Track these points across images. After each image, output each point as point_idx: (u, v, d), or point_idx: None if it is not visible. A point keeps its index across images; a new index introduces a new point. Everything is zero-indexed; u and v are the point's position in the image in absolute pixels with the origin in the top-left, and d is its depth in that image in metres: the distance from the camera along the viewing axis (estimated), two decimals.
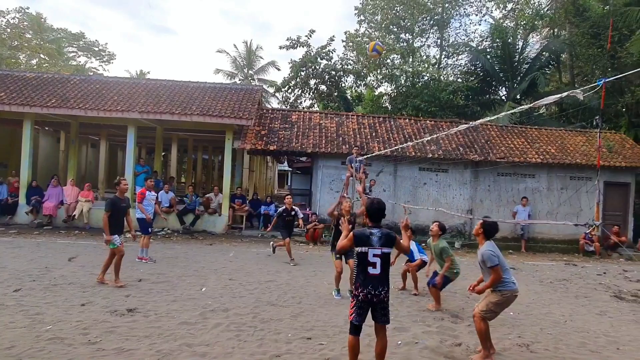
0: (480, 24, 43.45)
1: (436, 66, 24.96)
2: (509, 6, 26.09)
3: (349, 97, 26.09)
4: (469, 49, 24.31)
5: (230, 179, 14.98)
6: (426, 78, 22.95)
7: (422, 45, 26.42)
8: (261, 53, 44.16)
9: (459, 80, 24.28)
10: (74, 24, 77.75)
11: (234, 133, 14.81)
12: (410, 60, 24.31)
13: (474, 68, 24.15)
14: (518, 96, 22.14)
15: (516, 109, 5.79)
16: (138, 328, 5.29)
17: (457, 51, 25.64)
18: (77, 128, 16.17)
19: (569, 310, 7.23)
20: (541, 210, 15.31)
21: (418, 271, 7.74)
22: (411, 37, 25.67)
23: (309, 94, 23.69)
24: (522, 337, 5.71)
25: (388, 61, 23.57)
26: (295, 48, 22.85)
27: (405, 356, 4.87)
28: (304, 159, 19.59)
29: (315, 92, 23.62)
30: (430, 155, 14.74)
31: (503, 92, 24.13)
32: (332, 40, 22.93)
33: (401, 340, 5.30)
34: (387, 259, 4.26)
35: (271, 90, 31.31)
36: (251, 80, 35.66)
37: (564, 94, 4.42)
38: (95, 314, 5.74)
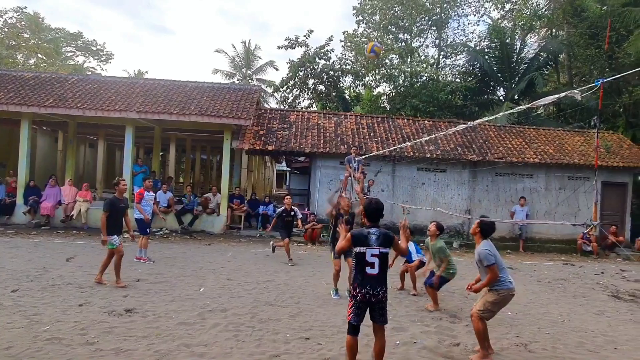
0: (479, 25, 43.78)
1: (434, 66, 24.99)
2: (507, 6, 26.16)
3: (347, 97, 26.11)
4: (467, 49, 24.35)
5: (228, 179, 14.97)
6: (424, 78, 22.97)
7: (420, 46, 26.48)
8: (259, 53, 44.22)
9: (457, 80, 24.31)
10: (71, 24, 77.71)
11: (232, 133, 14.80)
12: (409, 60, 24.33)
13: (472, 68, 24.18)
14: (516, 96, 22.18)
15: (514, 109, 5.80)
16: (136, 328, 5.28)
17: (456, 51, 25.68)
18: (75, 128, 16.14)
19: (567, 310, 7.24)
20: (539, 210, 15.34)
21: (416, 271, 7.75)
22: (409, 37, 25.70)
23: (307, 94, 23.70)
24: (520, 336, 5.72)
25: (386, 61, 23.60)
26: (293, 48, 22.88)
27: (403, 356, 4.87)
28: (302, 159, 19.60)
29: (313, 92, 23.62)
30: (429, 155, 14.75)
31: (501, 92, 24.17)
32: (331, 40, 22.99)
33: (399, 340, 5.30)
34: (385, 259, 4.26)
35: (269, 90, 31.33)
36: (249, 80, 35.65)
37: (562, 94, 4.43)
38: (93, 314, 5.73)
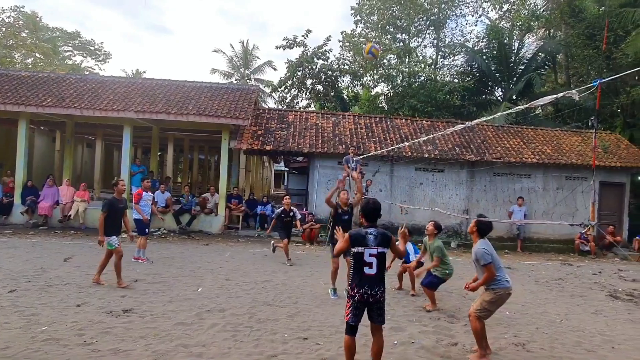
0: (477, 25, 43.57)
1: (432, 66, 24.97)
2: (505, 7, 26.17)
3: (345, 97, 26.10)
4: (465, 49, 24.37)
5: (226, 179, 14.96)
6: (422, 78, 22.97)
7: (418, 46, 26.46)
8: (258, 53, 44.02)
9: (455, 80, 24.31)
10: (69, 23, 77.54)
11: (230, 133, 14.78)
12: (407, 60, 24.32)
13: (470, 68, 24.20)
14: (514, 97, 22.21)
15: (512, 110, 5.80)
16: (134, 329, 5.28)
17: (454, 51, 25.68)
18: (72, 128, 16.10)
19: (565, 310, 7.26)
20: (537, 210, 15.37)
21: (415, 271, 7.76)
22: (407, 37, 25.70)
23: (305, 94, 23.67)
24: (518, 336, 5.73)
25: (384, 61, 23.59)
26: (291, 48, 22.85)
27: (401, 356, 4.87)
28: (300, 159, 19.59)
29: (311, 92, 23.61)
30: (427, 156, 14.77)
31: (499, 92, 24.19)
32: (329, 40, 22.92)
33: (397, 340, 5.30)
34: (383, 259, 4.27)
35: (268, 90, 31.29)
36: (248, 80, 35.62)
37: (560, 95, 4.44)
38: (91, 314, 5.72)
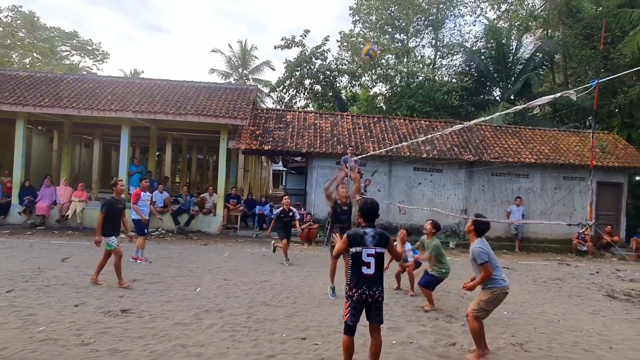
0: (475, 25, 43.91)
1: (431, 66, 25.02)
2: (503, 7, 26.22)
3: (343, 97, 26.10)
4: (463, 49, 24.40)
5: (224, 178, 14.95)
6: (421, 78, 23.00)
7: (416, 46, 26.49)
8: (256, 53, 44.06)
9: (454, 80, 24.36)
10: (67, 23, 77.39)
11: (228, 133, 14.77)
12: (405, 60, 24.36)
13: (468, 68, 24.23)
14: (512, 97, 22.25)
15: (510, 110, 5.81)
16: (132, 329, 5.27)
17: (452, 52, 25.72)
18: (70, 128, 16.07)
19: (563, 310, 7.27)
20: (535, 210, 15.39)
21: (414, 271, 7.77)
22: (406, 37, 25.72)
23: (303, 94, 23.67)
24: (516, 336, 5.74)
25: (383, 61, 23.61)
26: (290, 48, 22.84)
27: (400, 356, 4.88)
28: (298, 159, 19.59)
29: (310, 92, 23.61)
30: (425, 156, 14.78)
31: (497, 92, 24.23)
32: (327, 40, 22.92)
33: (396, 340, 5.31)
34: (381, 259, 4.27)
35: (266, 90, 31.28)
36: (246, 80, 35.59)
37: (558, 95, 4.44)
38: (89, 314, 5.71)
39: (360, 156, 12.30)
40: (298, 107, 23.08)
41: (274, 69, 43.25)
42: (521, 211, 14.71)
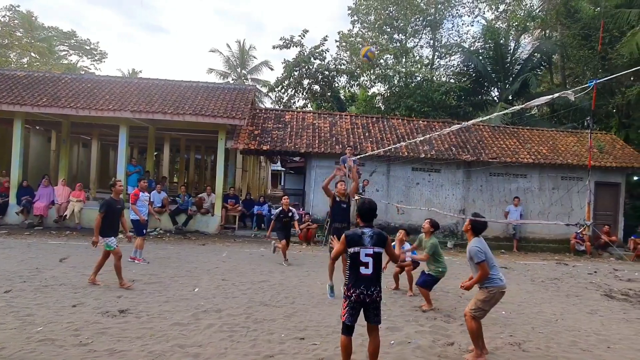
0: (473, 25, 44.05)
1: (429, 67, 25.06)
2: (501, 7, 26.27)
3: (342, 97, 26.10)
4: (461, 49, 24.44)
5: (223, 179, 14.93)
6: (419, 78, 23.02)
7: (415, 46, 26.53)
8: (254, 53, 44.04)
9: (452, 80, 24.39)
10: (65, 23, 77.24)
11: (227, 133, 14.76)
12: (403, 60, 24.37)
13: (466, 69, 24.28)
14: (510, 97, 22.29)
15: (508, 110, 5.82)
16: (130, 329, 5.26)
17: (450, 52, 25.76)
18: (68, 127, 16.04)
19: (560, 309, 7.28)
20: (533, 210, 15.42)
21: (412, 271, 7.77)
22: (404, 37, 25.74)
23: (302, 94, 23.67)
24: (514, 336, 5.75)
25: (381, 61, 23.63)
26: (288, 48, 22.84)
27: (398, 356, 4.88)
28: (297, 158, 19.58)
29: (308, 92, 23.61)
30: (423, 156, 14.79)
31: (495, 92, 24.29)
32: (326, 40, 22.93)
33: (394, 340, 5.31)
34: (379, 259, 4.27)
35: (264, 90, 31.30)
36: (244, 80, 35.60)
37: (556, 95, 4.45)
38: (87, 315, 5.70)
39: (358, 156, 12.30)
40: (296, 107, 23.09)
41: (272, 69, 43.31)
42: (519, 211, 14.74)
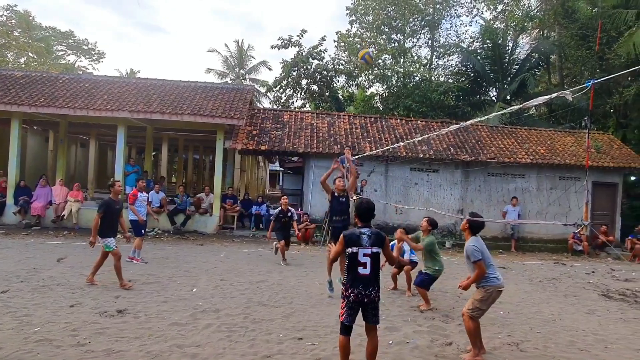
0: (471, 25, 43.97)
1: (427, 67, 25.08)
2: (499, 7, 26.31)
3: (340, 97, 26.11)
4: (459, 49, 24.47)
5: (221, 179, 14.92)
6: (417, 78, 23.04)
7: (413, 46, 26.56)
8: (253, 53, 44.16)
9: (450, 80, 24.43)
10: (62, 22, 77.09)
11: (225, 133, 14.75)
12: (402, 60, 24.40)
13: (464, 69, 24.31)
14: (508, 97, 22.33)
15: (506, 110, 5.83)
16: (128, 329, 5.25)
17: (448, 52, 25.80)
18: (66, 127, 16.00)
19: (558, 309, 7.29)
20: (531, 210, 15.45)
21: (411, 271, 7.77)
22: (402, 37, 25.78)
23: (300, 94, 23.68)
24: (512, 335, 5.76)
25: (379, 61, 23.65)
26: (286, 48, 22.84)
27: (396, 356, 4.88)
28: (295, 159, 19.57)
29: (306, 92, 23.61)
30: (422, 156, 14.80)
31: (493, 92, 24.31)
32: (324, 40, 22.96)
33: (392, 340, 5.31)
34: (377, 259, 4.27)
35: (263, 90, 31.30)
36: (242, 80, 35.57)
37: (554, 95, 4.46)
38: (85, 315, 5.68)
39: (357, 156, 12.30)
40: (295, 107, 23.09)
41: (270, 69, 43.26)
42: (517, 211, 14.76)
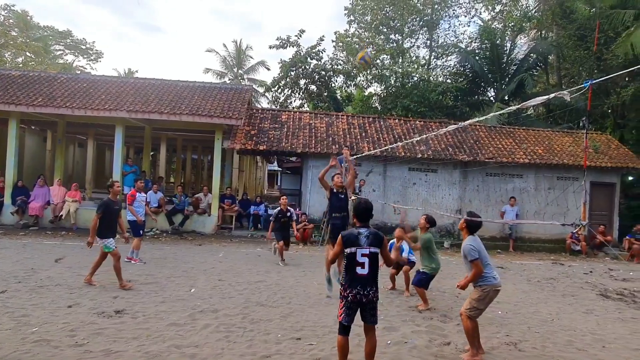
0: (469, 26, 44.04)
1: (425, 67, 25.08)
2: (498, 8, 26.35)
3: (338, 97, 26.13)
4: (458, 50, 24.49)
5: (219, 179, 14.91)
6: (416, 78, 23.04)
7: (411, 46, 26.58)
8: (251, 53, 44.12)
9: (448, 81, 24.43)
10: (60, 22, 76.94)
11: (223, 133, 14.74)
12: (400, 60, 24.40)
13: (463, 69, 24.33)
14: (506, 97, 22.34)
15: (504, 110, 5.83)
16: (126, 330, 5.24)
17: (446, 52, 25.81)
18: (64, 127, 15.97)
19: (556, 309, 7.30)
20: (529, 210, 15.47)
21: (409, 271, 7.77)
22: (401, 37, 25.78)
23: (298, 94, 23.67)
24: (510, 335, 5.76)
25: (378, 62, 23.66)
26: (285, 48, 22.83)
27: (394, 356, 4.88)
28: (293, 159, 19.58)
29: (305, 92, 23.61)
30: (420, 156, 14.81)
31: (491, 93, 24.33)
32: (322, 40, 22.96)
33: (391, 340, 5.31)
34: (376, 259, 4.27)
35: (261, 90, 31.27)
36: (241, 80, 35.55)
37: (552, 95, 4.47)
38: (83, 315, 5.67)
39: (355, 156, 12.31)
40: (293, 107, 23.08)
41: (269, 69, 43.18)
42: (515, 211, 14.78)
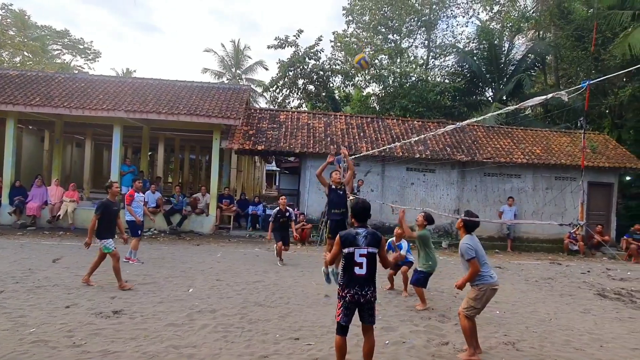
0: (467, 26, 44.10)
1: (424, 67, 25.11)
2: (496, 8, 26.38)
3: (337, 97, 26.12)
4: (456, 50, 24.52)
5: (217, 179, 14.90)
6: (414, 79, 23.08)
7: (409, 46, 26.59)
8: (249, 53, 44.13)
9: (446, 81, 24.47)
10: (58, 22, 76.77)
11: (221, 133, 14.72)
12: (398, 60, 24.42)
13: (460, 69, 24.35)
14: (504, 97, 22.39)
15: (502, 110, 5.85)
16: (124, 330, 5.23)
17: (445, 52, 25.84)
18: (61, 127, 15.93)
19: (554, 309, 7.32)
20: (527, 210, 15.50)
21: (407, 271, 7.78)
22: (399, 37, 25.81)
23: (297, 94, 23.67)
24: (508, 335, 5.77)
25: (376, 62, 23.67)
26: (283, 48, 22.83)
27: (393, 356, 4.89)
28: (292, 159, 19.58)
29: (303, 92, 23.60)
30: (418, 156, 14.82)
31: (489, 93, 24.38)
32: (320, 40, 22.91)
33: (389, 340, 5.32)
34: (374, 259, 4.27)
35: (259, 90, 31.24)
36: (239, 80, 35.53)
37: (549, 96, 4.48)
38: (80, 316, 5.66)
39: (353, 156, 12.31)
40: (291, 107, 23.07)
41: (267, 69, 43.11)
42: (513, 211, 14.80)
